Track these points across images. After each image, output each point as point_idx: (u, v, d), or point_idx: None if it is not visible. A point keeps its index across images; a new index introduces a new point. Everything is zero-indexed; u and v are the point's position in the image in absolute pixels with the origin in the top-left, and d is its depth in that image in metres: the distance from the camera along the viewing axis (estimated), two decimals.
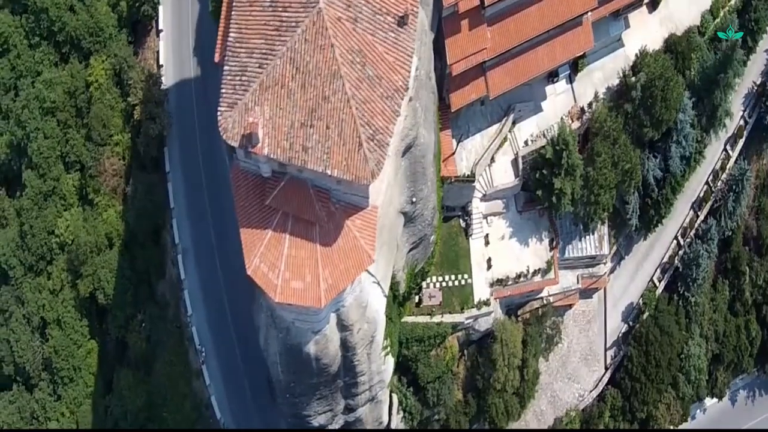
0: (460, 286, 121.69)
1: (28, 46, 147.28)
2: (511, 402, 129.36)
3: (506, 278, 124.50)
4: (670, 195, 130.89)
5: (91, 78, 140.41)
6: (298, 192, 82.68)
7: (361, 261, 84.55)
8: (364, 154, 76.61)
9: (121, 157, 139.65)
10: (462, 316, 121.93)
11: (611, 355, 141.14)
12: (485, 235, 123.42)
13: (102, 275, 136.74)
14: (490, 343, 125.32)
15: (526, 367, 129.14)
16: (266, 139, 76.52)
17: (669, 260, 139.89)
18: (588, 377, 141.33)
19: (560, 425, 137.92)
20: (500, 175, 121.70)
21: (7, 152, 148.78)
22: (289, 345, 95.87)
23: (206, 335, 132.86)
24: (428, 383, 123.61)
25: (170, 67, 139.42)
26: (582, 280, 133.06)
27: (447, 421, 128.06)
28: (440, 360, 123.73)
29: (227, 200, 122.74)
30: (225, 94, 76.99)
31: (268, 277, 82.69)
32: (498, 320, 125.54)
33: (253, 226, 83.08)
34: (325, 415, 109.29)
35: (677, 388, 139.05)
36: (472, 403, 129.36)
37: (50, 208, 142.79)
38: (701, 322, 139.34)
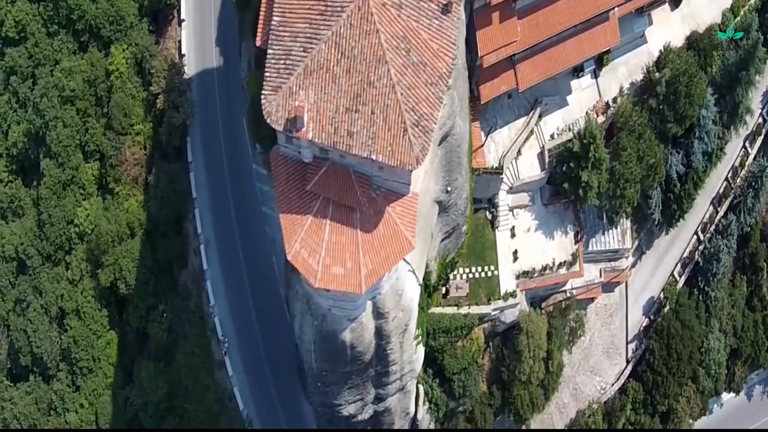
0: (487, 277, 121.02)
1: (46, 35, 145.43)
2: (536, 394, 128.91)
3: (532, 270, 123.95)
4: (691, 190, 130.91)
5: (112, 67, 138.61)
6: (340, 177, 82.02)
7: (401, 247, 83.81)
8: (409, 139, 76.03)
9: (142, 146, 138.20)
10: (488, 308, 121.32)
11: (632, 348, 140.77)
12: (511, 228, 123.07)
13: (123, 265, 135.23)
14: (516, 335, 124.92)
15: (551, 359, 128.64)
16: (311, 124, 75.95)
17: (689, 255, 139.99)
18: (610, 370, 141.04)
19: (583, 418, 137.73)
20: (527, 168, 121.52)
21: (25, 141, 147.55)
22: (325, 332, 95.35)
23: (229, 326, 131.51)
24: (454, 374, 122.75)
25: (192, 56, 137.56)
26: (605, 274, 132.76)
27: (472, 412, 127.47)
28: (466, 351, 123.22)
29: (250, 191, 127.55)
30: (269, 77, 76.36)
31: (308, 263, 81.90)
32: (524, 312, 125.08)
33: (293, 212, 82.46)
34: (356, 404, 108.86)
35: (697, 381, 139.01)
36: (497, 395, 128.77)
37: (69, 198, 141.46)
38: (720, 316, 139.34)
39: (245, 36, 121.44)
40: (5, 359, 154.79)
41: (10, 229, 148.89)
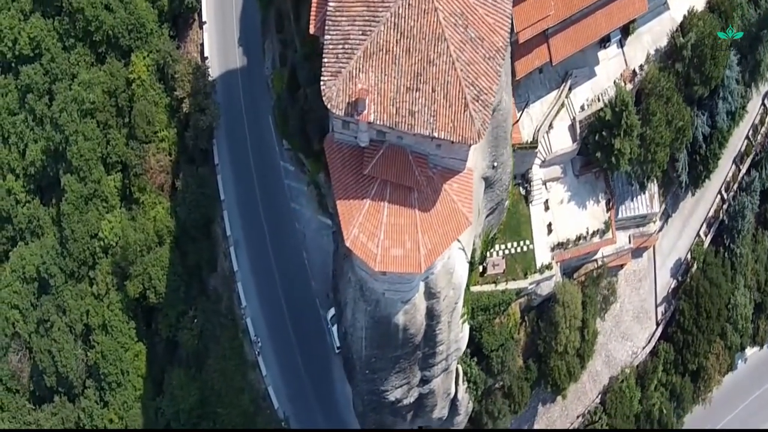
0: (523, 252, 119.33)
1: (62, 49, 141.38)
2: (573, 363, 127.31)
3: (566, 241, 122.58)
4: (716, 150, 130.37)
5: (133, 75, 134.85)
6: (397, 159, 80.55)
7: (459, 224, 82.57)
8: (470, 114, 74.60)
9: (167, 152, 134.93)
10: (525, 282, 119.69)
11: (662, 311, 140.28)
12: (545, 201, 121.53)
13: (153, 273, 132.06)
14: (552, 307, 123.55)
15: (586, 328, 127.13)
16: (372, 106, 74.34)
17: (714, 214, 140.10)
18: (640, 334, 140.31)
19: (616, 384, 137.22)
20: (558, 141, 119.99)
21: (43, 159, 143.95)
22: (378, 317, 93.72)
23: (261, 325, 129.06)
24: (492, 351, 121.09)
25: (215, 58, 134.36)
26: (633, 240, 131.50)
27: (510, 388, 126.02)
28: (504, 327, 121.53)
29: (278, 189, 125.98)
30: (328, 63, 74.47)
31: (367, 247, 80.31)
32: (559, 283, 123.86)
33: (350, 197, 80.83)
34: (402, 388, 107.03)
35: (725, 338, 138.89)
36: (533, 368, 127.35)
37: (92, 212, 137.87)
38: (745, 272, 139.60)
39: (268, 34, 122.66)
40: (27, 383, 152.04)
41: (30, 250, 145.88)
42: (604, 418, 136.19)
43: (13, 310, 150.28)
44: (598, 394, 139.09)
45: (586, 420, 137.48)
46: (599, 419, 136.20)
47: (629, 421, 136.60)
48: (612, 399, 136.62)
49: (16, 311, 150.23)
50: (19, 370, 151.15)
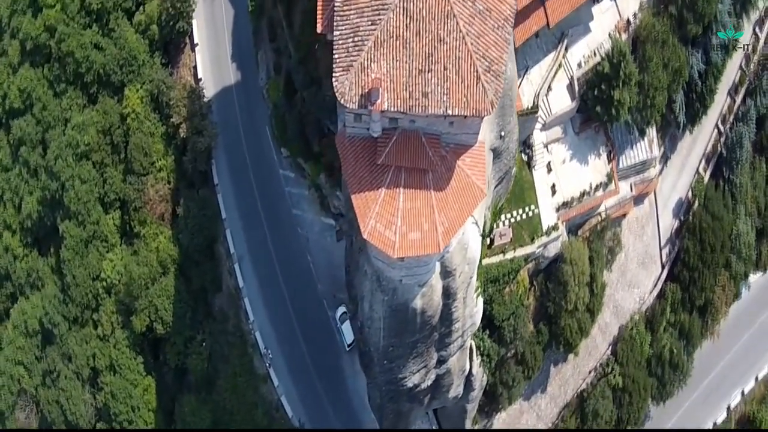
0: (528, 218, 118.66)
1: (53, 96, 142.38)
2: (584, 319, 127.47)
3: (571, 200, 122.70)
4: (713, 85, 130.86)
5: (127, 110, 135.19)
6: (410, 143, 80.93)
7: (474, 197, 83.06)
8: (482, 86, 75.04)
9: (166, 181, 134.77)
10: (533, 247, 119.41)
11: (666, 253, 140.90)
12: (547, 163, 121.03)
13: (159, 304, 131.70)
14: (559, 267, 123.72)
15: (594, 282, 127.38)
16: (385, 94, 74.66)
17: (712, 149, 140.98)
18: (647, 280, 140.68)
19: (626, 332, 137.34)
20: (558, 102, 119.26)
21: (39, 210, 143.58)
22: (396, 305, 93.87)
23: (270, 337, 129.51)
24: (503, 321, 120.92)
25: (209, 78, 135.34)
26: (635, 187, 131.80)
27: (523, 354, 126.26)
28: (514, 295, 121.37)
29: (279, 197, 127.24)
30: (338, 58, 74.59)
31: (385, 236, 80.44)
32: (565, 242, 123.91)
33: (364, 190, 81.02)
34: (419, 373, 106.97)
35: (730, 268, 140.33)
36: (544, 331, 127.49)
37: (92, 254, 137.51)
38: (745, 201, 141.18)
39: (261, 44, 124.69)
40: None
41: (31, 303, 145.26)
42: (616, 368, 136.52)
43: (17, 366, 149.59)
44: (609, 345, 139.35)
45: (598, 373, 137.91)
46: (611, 370, 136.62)
47: (641, 367, 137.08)
48: (623, 348, 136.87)
49: (21, 367, 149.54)
50: (27, 425, 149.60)
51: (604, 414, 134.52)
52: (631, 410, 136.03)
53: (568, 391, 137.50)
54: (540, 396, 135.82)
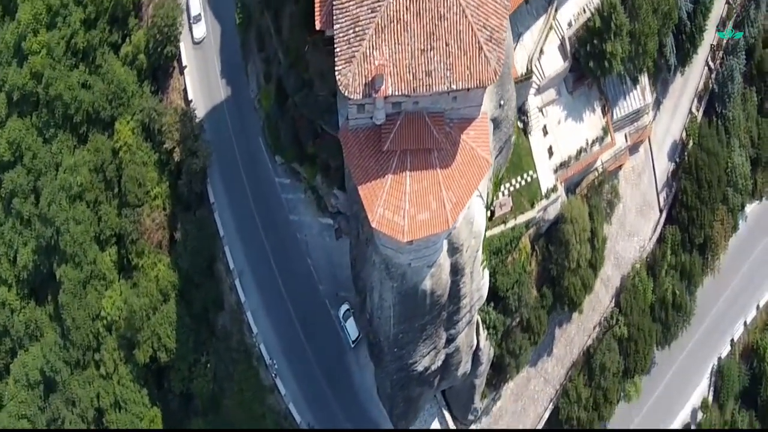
0: (527, 183, 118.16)
1: (43, 142, 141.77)
2: (587, 275, 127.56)
3: (568, 159, 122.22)
4: (701, 23, 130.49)
5: (119, 143, 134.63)
6: (415, 125, 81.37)
7: (480, 169, 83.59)
8: (485, 56, 75.71)
9: (161, 208, 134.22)
10: (533, 212, 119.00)
11: (663, 197, 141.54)
12: (543, 127, 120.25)
13: (162, 332, 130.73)
14: (560, 227, 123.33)
15: (595, 237, 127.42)
16: (389, 79, 75.22)
17: (704, 87, 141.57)
18: (646, 227, 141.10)
19: (628, 281, 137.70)
20: (550, 64, 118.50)
21: (34, 259, 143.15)
22: (405, 290, 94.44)
23: (275, 347, 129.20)
24: (507, 291, 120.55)
25: (200, 98, 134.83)
26: (629, 137, 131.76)
27: (528, 321, 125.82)
28: (516, 264, 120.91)
29: (276, 206, 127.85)
30: (340, 51, 75.25)
31: (394, 221, 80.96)
32: (565, 202, 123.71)
33: (371, 179, 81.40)
34: (429, 356, 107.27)
35: (727, 202, 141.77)
36: (548, 295, 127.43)
37: (91, 294, 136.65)
38: (738, 133, 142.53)
39: (250, 56, 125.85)
40: None
41: (31, 355, 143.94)
42: (621, 319, 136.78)
43: (21, 420, 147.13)
44: (612, 298, 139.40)
45: (603, 327, 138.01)
46: (616, 322, 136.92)
47: (645, 314, 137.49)
48: (626, 298, 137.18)
49: (25, 420, 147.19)
50: None
51: (611, 366, 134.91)
52: (637, 358, 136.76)
53: (574, 350, 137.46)
54: (546, 360, 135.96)
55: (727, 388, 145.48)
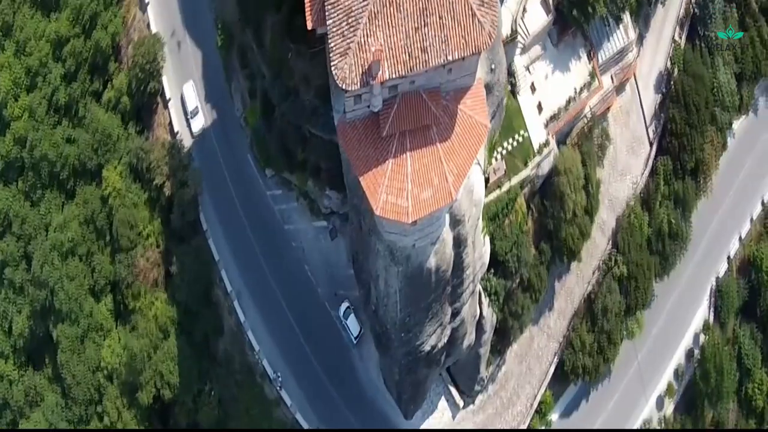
0: (519, 144, 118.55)
1: (31, 206, 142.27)
2: (583, 222, 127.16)
3: (558, 111, 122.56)
4: None
5: (107, 190, 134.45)
6: (412, 104, 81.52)
7: (479, 136, 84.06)
8: (478, 21, 75.79)
9: (155, 245, 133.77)
10: (527, 170, 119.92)
11: (653, 130, 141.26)
12: (530, 84, 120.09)
13: (164, 370, 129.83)
14: (555, 180, 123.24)
15: (589, 183, 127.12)
16: (385, 63, 75.50)
17: (684, 12, 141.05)
18: (637, 163, 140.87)
19: (624, 220, 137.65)
20: (534, 21, 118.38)
21: (30, 324, 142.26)
22: (410, 272, 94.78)
23: (278, 360, 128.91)
24: (506, 254, 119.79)
25: (185, 128, 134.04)
26: (615, 77, 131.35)
27: (529, 280, 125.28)
28: (513, 226, 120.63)
29: (270, 219, 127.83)
30: (335, 45, 75.51)
31: (397, 205, 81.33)
32: (557, 155, 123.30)
33: (371, 167, 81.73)
34: (436, 334, 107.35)
35: (716, 121, 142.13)
36: (546, 250, 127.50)
37: (89, 347, 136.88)
38: (722, 52, 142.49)
39: (233, 75, 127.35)
40: None
41: (33, 421, 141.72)
42: (619, 258, 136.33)
43: None
44: (608, 240, 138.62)
45: (602, 271, 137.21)
46: (615, 262, 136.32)
47: (642, 249, 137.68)
48: (623, 236, 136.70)
49: None
50: None
51: (612, 307, 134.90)
52: (638, 294, 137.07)
53: (575, 300, 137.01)
54: (548, 315, 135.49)
55: (727, 306, 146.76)
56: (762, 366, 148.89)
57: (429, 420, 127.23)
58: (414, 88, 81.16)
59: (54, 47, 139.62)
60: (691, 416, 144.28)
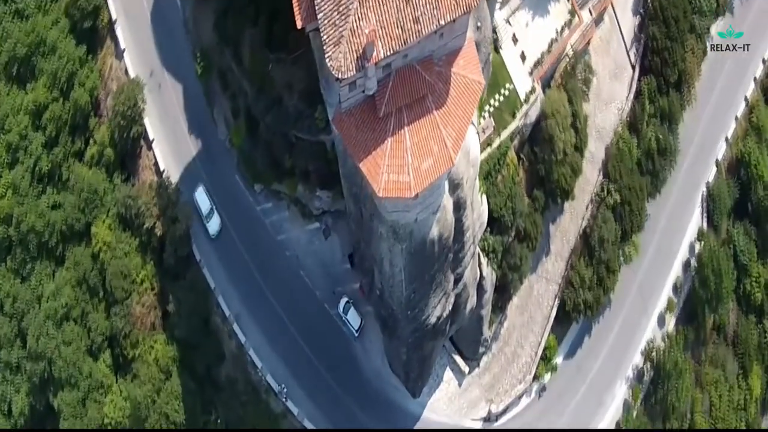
0: (506, 97, 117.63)
1: (21, 282, 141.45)
2: (574, 160, 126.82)
3: (541, 56, 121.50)
4: None
5: (97, 246, 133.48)
6: (407, 78, 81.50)
7: (474, 94, 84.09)
8: None
9: (150, 288, 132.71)
10: (516, 122, 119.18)
11: (634, 53, 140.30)
12: (512, 36, 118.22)
13: (169, 410, 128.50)
14: (543, 124, 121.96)
15: (576, 119, 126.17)
16: (378, 43, 75.43)
17: None
18: (621, 89, 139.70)
19: (613, 147, 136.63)
20: None
21: (30, 400, 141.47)
22: (414, 248, 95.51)
23: (281, 372, 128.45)
24: (501, 209, 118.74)
25: (172, 163, 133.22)
26: (593, 10, 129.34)
27: (524, 230, 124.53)
28: (506, 180, 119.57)
29: (262, 234, 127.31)
30: (327, 37, 75.13)
31: (399, 182, 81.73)
32: (543, 99, 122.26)
33: (370, 151, 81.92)
34: (440, 304, 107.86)
35: (694, 30, 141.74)
36: (539, 196, 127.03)
37: (92, 408, 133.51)
38: None
39: (215, 99, 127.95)
40: None
41: None
42: (611, 187, 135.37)
43: None
44: (599, 171, 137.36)
45: (595, 203, 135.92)
46: (607, 192, 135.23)
47: (633, 172, 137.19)
48: (613, 164, 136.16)
49: None
50: None
51: (609, 236, 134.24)
52: (632, 217, 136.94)
53: (571, 239, 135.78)
54: (545, 260, 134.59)
55: (720, 208, 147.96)
56: (758, 260, 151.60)
57: (436, 393, 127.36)
58: (407, 62, 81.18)
59: (33, 118, 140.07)
60: (693, 326, 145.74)
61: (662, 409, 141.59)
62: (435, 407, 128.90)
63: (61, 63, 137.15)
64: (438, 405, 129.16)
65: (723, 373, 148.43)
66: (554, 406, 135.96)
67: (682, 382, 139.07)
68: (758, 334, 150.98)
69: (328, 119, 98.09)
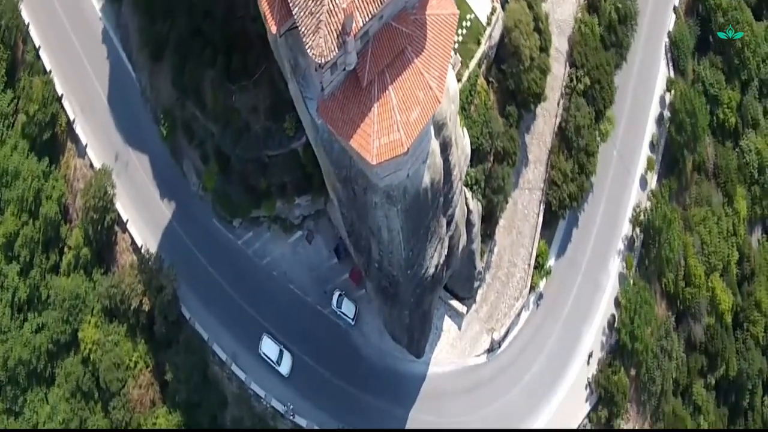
0: (469, 29, 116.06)
1: (15, 419, 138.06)
2: (541, 61, 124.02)
3: None
4: None
5: (87, 349, 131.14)
6: (384, 39, 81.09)
7: (450, 27, 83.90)
8: None
9: (144, 367, 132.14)
10: (482, 47, 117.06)
11: None
12: None
13: None
14: (508, 38, 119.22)
15: (538, 20, 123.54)
16: (356, 13, 74.96)
17: None
18: None
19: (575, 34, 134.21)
20: None
21: None
22: (409, 204, 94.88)
23: (288, 394, 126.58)
24: (479, 137, 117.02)
25: (148, 234, 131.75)
26: None
27: (503, 149, 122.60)
28: (480, 108, 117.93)
29: (247, 265, 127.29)
30: (305, 27, 74.93)
31: (392, 141, 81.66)
32: (503, 16, 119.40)
33: (358, 125, 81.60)
34: (437, 252, 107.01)
35: None
36: (513, 111, 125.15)
37: None
38: None
39: (181, 154, 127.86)
40: None
41: None
42: (579, 73, 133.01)
43: None
44: (565, 63, 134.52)
45: (566, 93, 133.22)
46: (576, 81, 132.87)
47: (598, 50, 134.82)
48: (578, 50, 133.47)
49: None
50: None
51: (583, 120, 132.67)
52: (604, 94, 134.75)
53: (547, 140, 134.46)
54: (525, 171, 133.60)
55: (683, 51, 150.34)
56: (726, 86, 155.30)
57: (437, 346, 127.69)
58: (382, 23, 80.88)
59: (5, 250, 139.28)
60: (674, 174, 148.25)
61: (656, 267, 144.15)
62: (438, 360, 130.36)
63: (26, 184, 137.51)
64: (441, 356, 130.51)
65: (710, 208, 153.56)
66: (552, 311, 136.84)
67: (672, 231, 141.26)
68: (737, 157, 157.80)
69: (298, 123, 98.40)
